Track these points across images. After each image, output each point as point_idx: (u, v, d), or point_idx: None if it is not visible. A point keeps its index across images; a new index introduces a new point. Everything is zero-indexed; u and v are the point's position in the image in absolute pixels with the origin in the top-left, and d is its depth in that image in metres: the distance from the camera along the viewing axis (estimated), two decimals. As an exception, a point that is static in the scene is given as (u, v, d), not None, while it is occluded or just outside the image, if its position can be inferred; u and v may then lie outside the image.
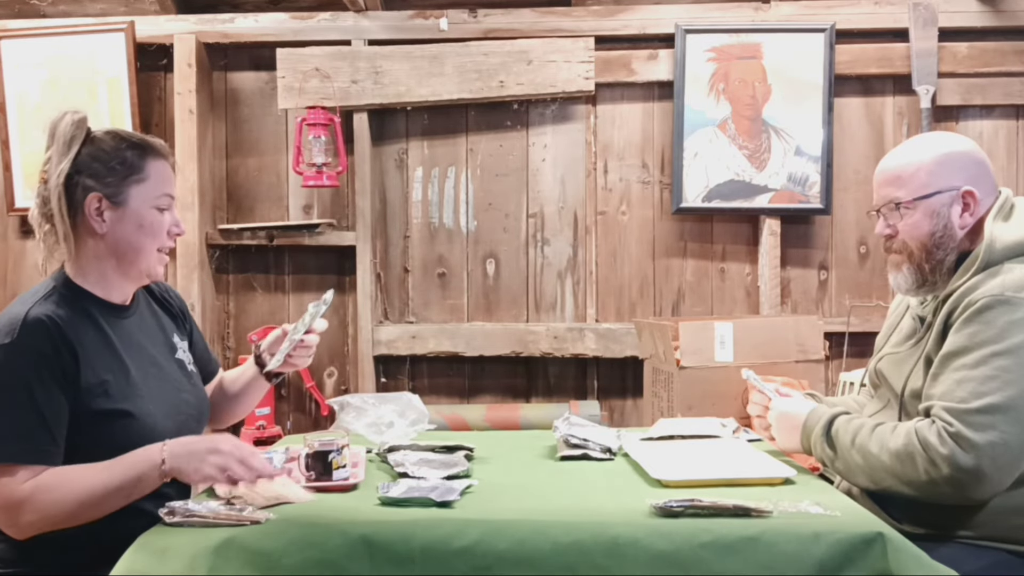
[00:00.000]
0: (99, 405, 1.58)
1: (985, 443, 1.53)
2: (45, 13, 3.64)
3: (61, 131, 1.66)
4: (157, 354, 1.76)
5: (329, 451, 1.65)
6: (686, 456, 1.85)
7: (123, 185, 1.65)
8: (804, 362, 2.86)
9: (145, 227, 1.67)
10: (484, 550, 1.37)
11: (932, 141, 1.82)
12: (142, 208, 1.67)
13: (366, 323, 3.58)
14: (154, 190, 1.68)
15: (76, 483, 1.51)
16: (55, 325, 1.56)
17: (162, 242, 1.70)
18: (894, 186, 1.77)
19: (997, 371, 1.56)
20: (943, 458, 1.54)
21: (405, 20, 3.56)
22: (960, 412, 1.56)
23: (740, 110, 3.46)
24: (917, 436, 1.59)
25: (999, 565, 1.61)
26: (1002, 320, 1.59)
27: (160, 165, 1.70)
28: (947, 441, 1.55)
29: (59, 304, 1.61)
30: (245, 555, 1.37)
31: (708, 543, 1.35)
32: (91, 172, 1.64)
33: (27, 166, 3.60)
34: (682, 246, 3.61)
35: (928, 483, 1.58)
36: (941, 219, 1.73)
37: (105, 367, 1.62)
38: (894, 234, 1.78)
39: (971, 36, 3.48)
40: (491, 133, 3.63)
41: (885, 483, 1.65)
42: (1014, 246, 1.67)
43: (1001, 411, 1.54)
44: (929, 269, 1.75)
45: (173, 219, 1.72)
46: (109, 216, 1.65)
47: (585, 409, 3.29)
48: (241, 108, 3.71)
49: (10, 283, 3.72)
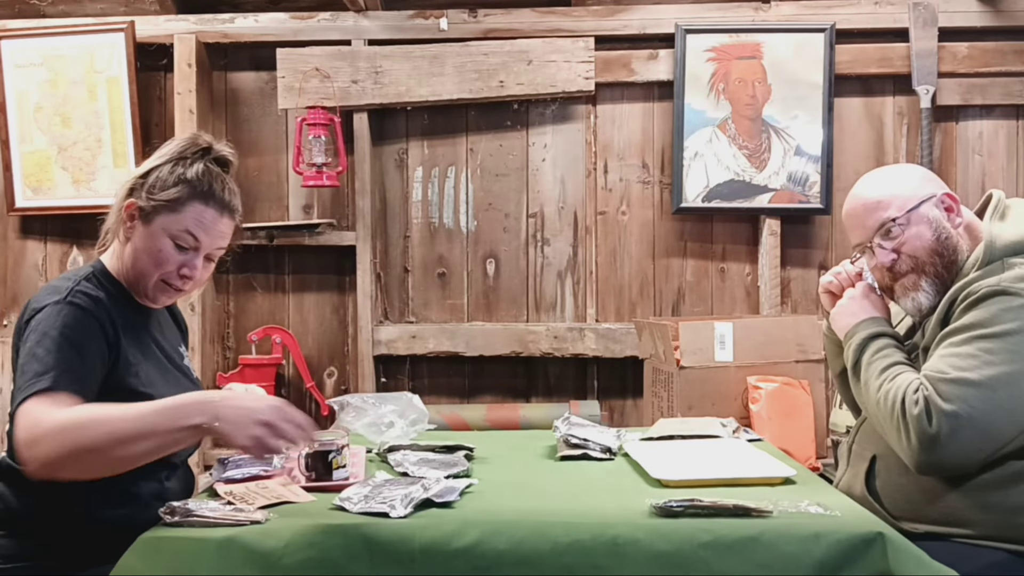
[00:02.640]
0: (130, 384, 1.63)
1: (949, 411, 1.56)
2: (45, 13, 3.64)
3: (174, 145, 1.74)
4: (171, 356, 1.81)
5: (329, 451, 1.65)
6: (686, 456, 1.85)
7: (158, 208, 1.68)
8: (804, 362, 2.86)
9: (151, 251, 1.68)
10: (484, 550, 1.37)
11: (889, 169, 1.94)
12: (159, 233, 1.68)
13: (366, 323, 3.57)
14: (178, 225, 1.68)
15: (108, 421, 1.46)
16: (99, 300, 1.62)
17: (167, 275, 1.70)
18: (880, 210, 1.78)
19: (979, 351, 1.60)
20: (913, 418, 1.60)
21: (405, 20, 3.56)
22: (935, 380, 1.60)
23: (740, 110, 3.46)
24: (902, 392, 1.64)
25: (999, 565, 1.61)
26: (997, 307, 1.62)
27: (203, 209, 1.69)
28: (919, 402, 1.60)
29: (99, 286, 1.67)
30: (245, 555, 1.37)
31: (708, 543, 1.36)
32: (148, 184, 1.69)
33: (27, 166, 3.60)
34: (682, 246, 3.61)
35: (896, 436, 1.64)
36: (937, 222, 1.76)
37: (138, 351, 1.68)
38: (897, 256, 1.78)
39: (971, 36, 3.48)
40: (491, 133, 3.63)
41: (875, 419, 1.73)
42: (1013, 244, 1.70)
43: (973, 386, 1.57)
44: (947, 274, 1.75)
45: (189, 262, 1.70)
46: (136, 227, 1.69)
47: (585, 409, 3.29)
48: (241, 108, 3.71)
49: (10, 283, 3.72)
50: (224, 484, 1.63)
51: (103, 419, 1.46)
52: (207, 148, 1.74)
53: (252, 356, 3.57)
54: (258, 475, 1.67)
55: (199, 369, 3.40)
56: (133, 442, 1.45)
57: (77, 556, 1.58)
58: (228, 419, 1.46)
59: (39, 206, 3.60)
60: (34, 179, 3.61)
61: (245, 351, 3.60)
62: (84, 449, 1.43)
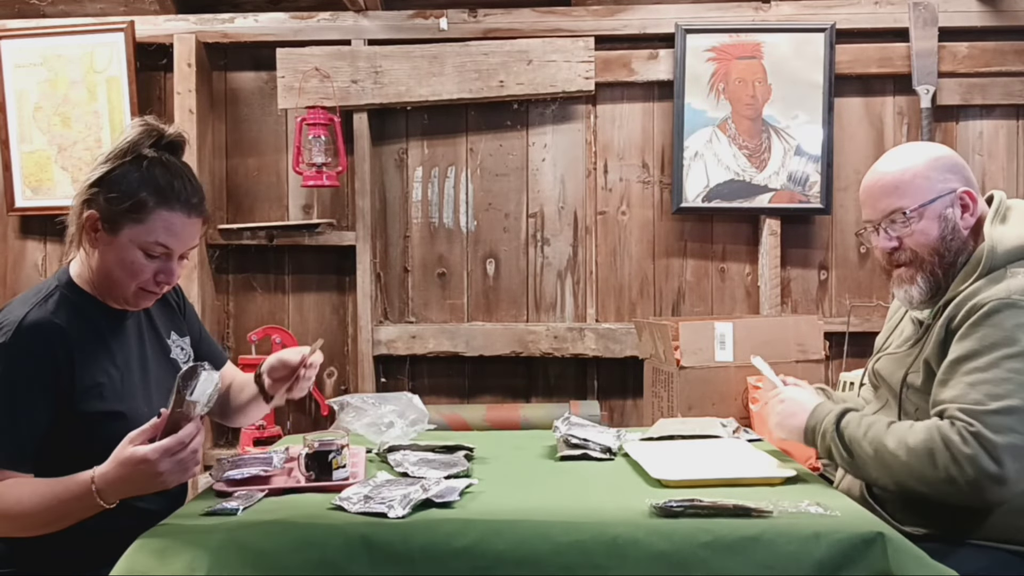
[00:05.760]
0: (93, 407, 1.60)
1: (1007, 445, 1.50)
2: (45, 13, 3.64)
3: (123, 138, 1.65)
4: (151, 356, 1.77)
5: (329, 451, 1.65)
6: (686, 456, 1.85)
7: (121, 219, 1.61)
8: (804, 362, 2.86)
9: (124, 264, 1.62)
10: (484, 550, 1.37)
11: (919, 148, 1.82)
12: (128, 245, 1.62)
13: (366, 323, 3.57)
14: (147, 236, 1.61)
15: (13, 497, 1.51)
16: (52, 328, 1.57)
17: (144, 284, 1.65)
18: (894, 196, 1.73)
19: (1011, 373, 1.54)
20: (967, 458, 1.51)
21: (405, 20, 3.56)
22: (978, 413, 1.52)
23: (740, 110, 3.46)
24: (939, 434, 1.55)
25: (999, 565, 1.61)
26: (1011, 323, 1.57)
27: (170, 216, 1.62)
28: (970, 441, 1.51)
29: (58, 306, 1.61)
30: (245, 555, 1.37)
31: (708, 543, 1.35)
32: (107, 191, 1.61)
33: (26, 166, 3.60)
34: (682, 246, 3.61)
35: (946, 481, 1.54)
36: (948, 222, 1.72)
37: (100, 370, 1.63)
38: (899, 246, 1.75)
39: (971, 36, 3.48)
40: (491, 133, 3.63)
41: (898, 478, 1.61)
42: (1015, 250, 1.67)
43: (1018, 413, 1.51)
44: (943, 274, 1.72)
45: (165, 267, 1.65)
46: (99, 239, 1.63)
47: (585, 409, 3.29)
48: (241, 108, 3.71)
49: (10, 283, 3.72)
50: (224, 484, 1.63)
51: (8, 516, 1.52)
52: (158, 136, 1.66)
53: (252, 356, 3.56)
54: (258, 475, 1.67)
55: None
56: (42, 528, 1.53)
57: (74, 559, 1.58)
58: (114, 491, 1.49)
59: (39, 206, 3.60)
60: (34, 179, 3.61)
61: (245, 351, 3.60)
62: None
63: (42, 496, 1.51)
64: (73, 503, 1.50)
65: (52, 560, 1.59)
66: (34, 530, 1.53)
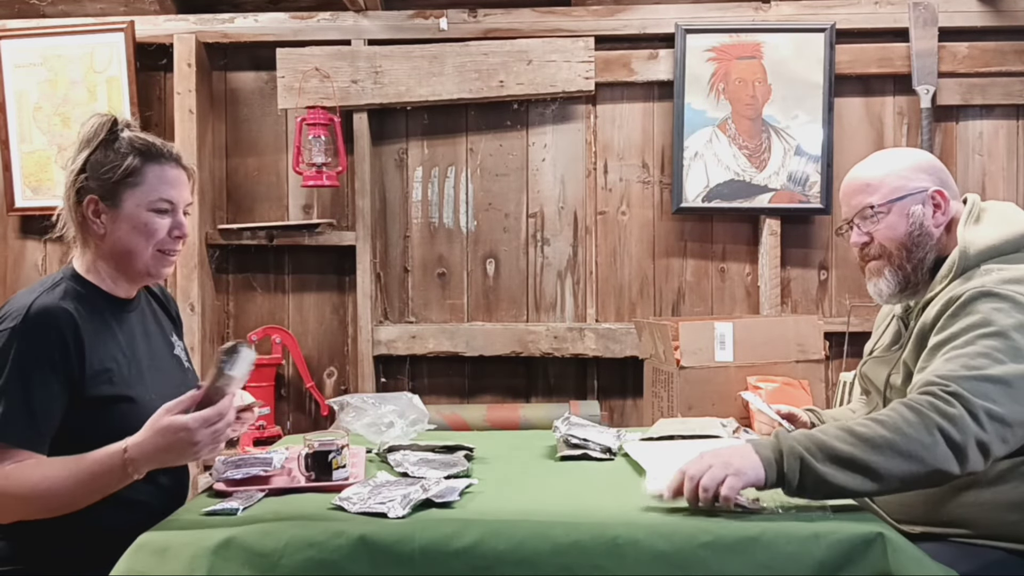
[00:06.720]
0: (102, 391, 1.61)
1: (985, 408, 1.47)
2: (45, 13, 3.64)
3: (84, 131, 1.70)
4: (157, 348, 1.79)
5: (329, 451, 1.65)
6: (686, 456, 1.85)
7: (118, 188, 1.66)
8: (804, 362, 2.86)
9: (139, 228, 1.67)
10: (484, 550, 1.37)
11: (895, 152, 1.91)
12: (136, 211, 1.67)
13: (366, 323, 3.57)
14: (149, 194, 1.68)
15: (39, 474, 1.51)
16: (62, 313, 1.59)
17: (162, 243, 1.70)
18: (865, 193, 1.80)
19: (987, 349, 1.55)
20: (957, 418, 1.45)
21: (405, 20, 3.56)
22: (955, 378, 1.50)
23: (740, 110, 3.46)
24: (917, 402, 1.49)
25: (998, 565, 1.61)
26: (986, 307, 1.60)
27: (160, 170, 1.69)
28: (953, 402, 1.47)
29: (65, 295, 1.64)
30: (245, 555, 1.37)
31: (708, 543, 1.35)
32: (94, 174, 1.67)
33: (27, 166, 3.60)
34: (682, 246, 3.61)
35: (939, 444, 1.44)
36: (916, 219, 1.76)
37: (109, 356, 1.64)
38: (869, 240, 1.80)
39: (971, 36, 3.48)
40: (491, 133, 3.63)
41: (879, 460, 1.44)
42: (987, 250, 1.70)
43: (992, 382, 1.50)
44: (911, 269, 1.77)
45: (176, 221, 1.71)
46: (106, 219, 1.67)
47: (585, 409, 3.29)
48: (241, 108, 3.71)
49: (10, 283, 3.72)
50: (224, 484, 1.63)
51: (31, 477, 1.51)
52: (114, 121, 1.70)
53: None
54: (258, 475, 1.67)
55: (199, 370, 3.39)
56: (68, 506, 1.53)
57: (74, 559, 1.58)
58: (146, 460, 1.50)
59: (39, 206, 3.59)
60: (34, 179, 3.61)
61: (245, 351, 3.59)
62: (15, 512, 1.54)
63: (70, 471, 1.51)
64: (104, 477, 1.51)
65: (53, 559, 1.59)
66: (60, 508, 1.53)
